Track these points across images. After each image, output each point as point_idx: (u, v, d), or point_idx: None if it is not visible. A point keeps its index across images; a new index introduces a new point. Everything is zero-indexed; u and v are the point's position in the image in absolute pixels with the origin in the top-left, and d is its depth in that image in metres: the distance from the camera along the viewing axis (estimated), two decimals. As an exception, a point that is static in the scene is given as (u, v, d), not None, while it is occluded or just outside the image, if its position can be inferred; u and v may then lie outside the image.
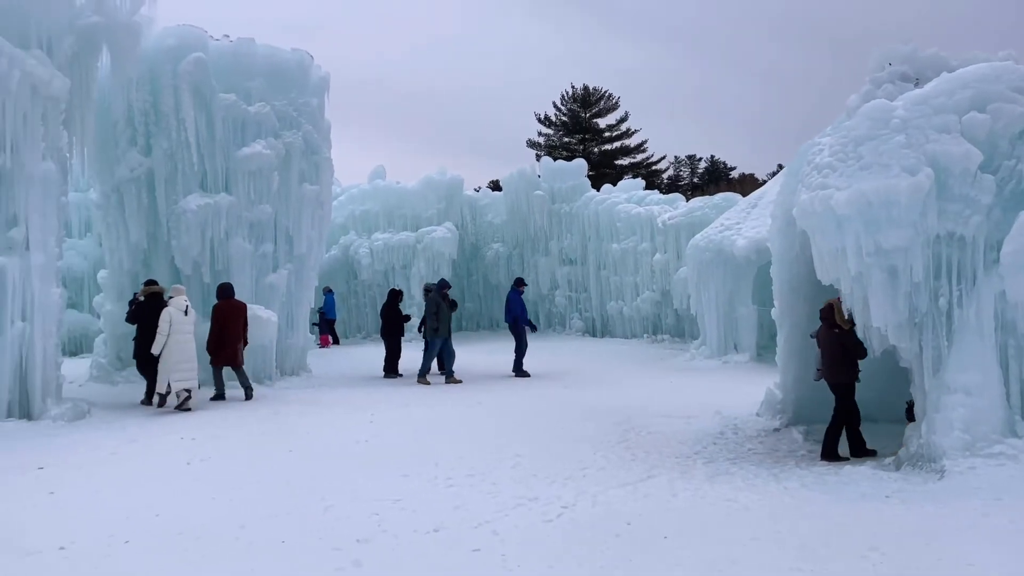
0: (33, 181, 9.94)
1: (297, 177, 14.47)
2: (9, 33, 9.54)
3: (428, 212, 24.33)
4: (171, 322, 11.05)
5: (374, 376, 15.33)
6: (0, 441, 8.79)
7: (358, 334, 25.10)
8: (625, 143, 56.53)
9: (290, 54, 14.39)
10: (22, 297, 9.89)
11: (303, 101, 14.54)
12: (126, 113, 13.26)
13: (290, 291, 14.68)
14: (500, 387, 13.48)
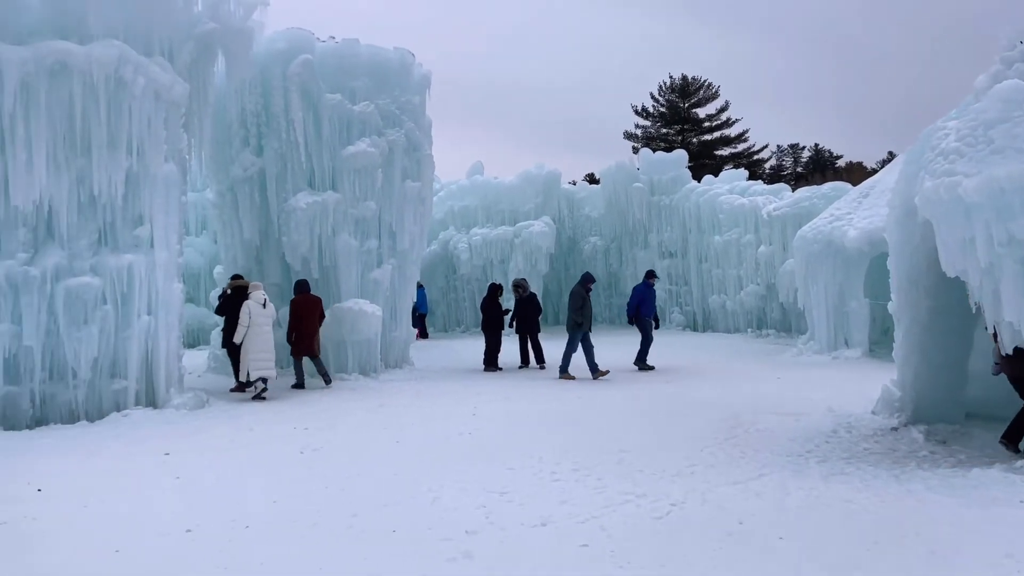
0: (157, 182, 10.48)
1: (400, 174, 14.76)
2: (134, 42, 10.08)
3: (526, 207, 24.39)
4: (250, 314, 11.70)
5: (474, 370, 15.48)
6: (130, 428, 9.35)
7: (457, 328, 25.46)
8: (725, 133, 55.20)
9: (392, 53, 14.67)
10: (148, 292, 10.44)
11: (405, 99, 14.81)
12: (239, 115, 13.86)
13: (393, 286, 15.00)
14: (598, 381, 13.37)
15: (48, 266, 9.56)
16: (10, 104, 9.16)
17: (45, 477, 6.96)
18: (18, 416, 9.53)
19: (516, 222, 24.20)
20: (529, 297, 15.86)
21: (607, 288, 26.68)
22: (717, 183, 24.61)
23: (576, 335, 13.79)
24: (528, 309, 15.69)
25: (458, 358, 17.68)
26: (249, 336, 11.67)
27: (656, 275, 16.53)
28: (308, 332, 12.68)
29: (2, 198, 9.35)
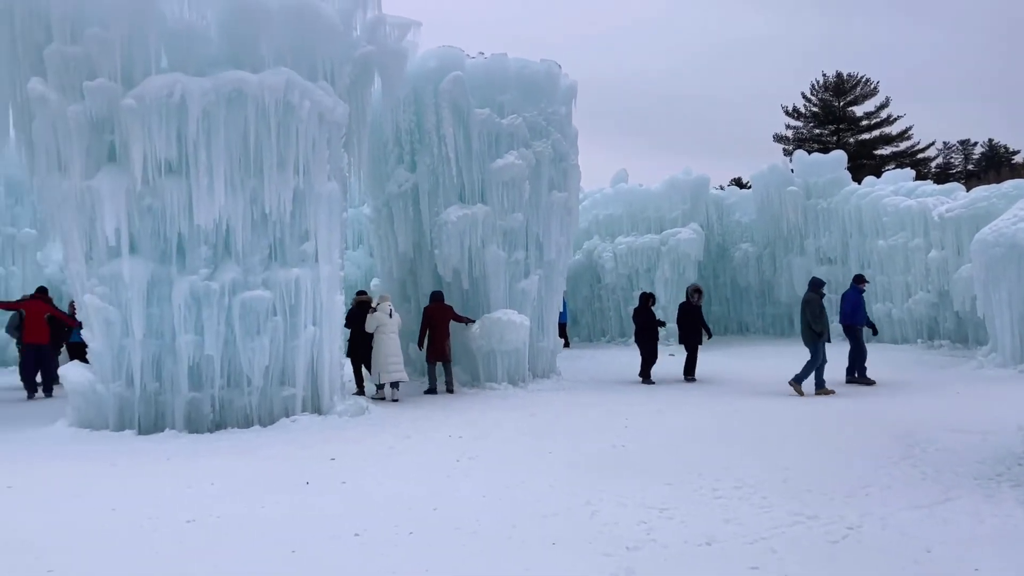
0: (320, 200, 11.03)
1: (547, 185, 14.85)
2: (300, 67, 10.68)
3: (672, 213, 23.90)
4: (378, 324, 12.73)
5: (622, 380, 15.28)
6: (299, 433, 9.87)
7: (602, 338, 25.26)
8: (885, 131, 52.00)
9: (539, 65, 14.80)
10: (313, 304, 10.99)
11: (552, 110, 14.89)
12: (394, 133, 14.42)
13: (540, 296, 15.09)
14: (757, 393, 12.84)
15: (226, 280, 10.26)
16: (193, 131, 9.92)
17: (225, 478, 7.45)
18: (200, 420, 10.27)
19: (662, 230, 23.75)
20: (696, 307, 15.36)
21: (759, 296, 25.69)
22: (880, 184, 23.16)
23: (818, 346, 12.83)
24: (693, 318, 15.21)
25: (605, 369, 17.53)
26: (379, 344, 12.74)
27: (866, 279, 15.22)
28: (440, 338, 13.51)
29: (187, 218, 10.12)
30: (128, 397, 10.17)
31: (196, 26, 10.13)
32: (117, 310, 10.07)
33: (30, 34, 10.12)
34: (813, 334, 12.88)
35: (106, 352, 10.18)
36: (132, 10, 9.72)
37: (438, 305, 13.69)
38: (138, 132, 9.76)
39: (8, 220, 19.65)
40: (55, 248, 20.23)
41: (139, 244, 10.15)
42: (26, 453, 8.78)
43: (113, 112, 9.87)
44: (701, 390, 13.55)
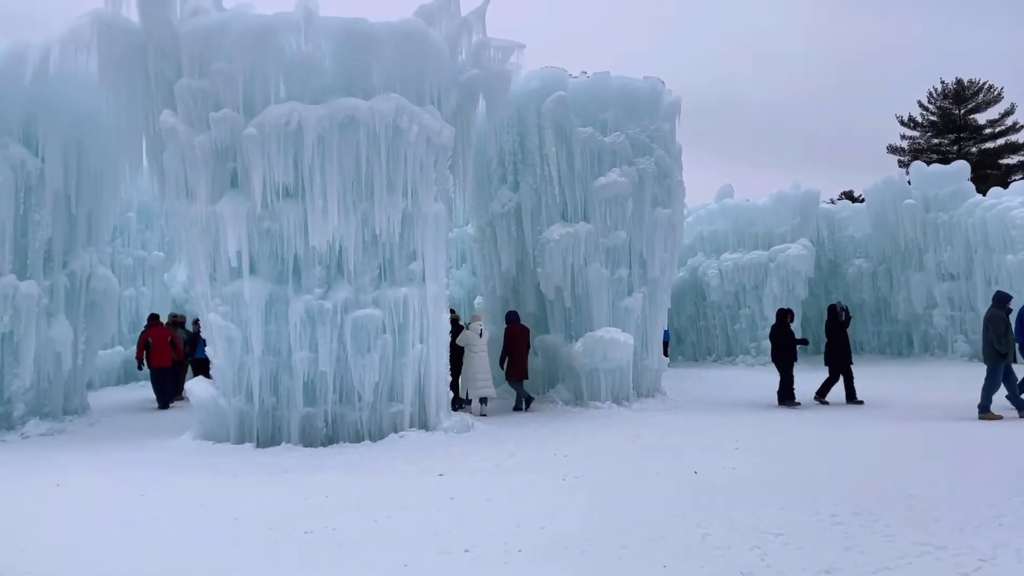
0: (427, 221, 11.31)
1: (650, 202, 14.73)
2: (408, 92, 11.01)
3: (781, 229, 23.23)
4: (468, 342, 13.21)
5: (731, 400, 14.90)
6: (407, 448, 10.09)
7: (708, 357, 24.74)
8: (1011, 139, 48.88)
9: (642, 82, 14.74)
10: (420, 322, 11.25)
11: (655, 127, 14.80)
12: (498, 154, 14.66)
13: (644, 314, 14.93)
14: (879, 416, 12.26)
15: (339, 299, 10.64)
16: (309, 157, 10.38)
17: (339, 491, 7.68)
18: (314, 434, 10.65)
19: (770, 245, 23.12)
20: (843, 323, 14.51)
21: (875, 314, 24.59)
22: (1007, 195, 21.82)
23: (998, 367, 11.90)
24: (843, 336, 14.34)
25: (711, 389, 17.16)
26: (469, 361, 13.21)
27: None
28: (520, 358, 13.83)
29: (303, 240, 10.57)
30: (248, 411, 10.65)
31: (312, 57, 10.61)
32: (238, 328, 10.59)
33: (162, 71, 10.86)
34: (996, 354, 11.92)
35: (228, 368, 10.71)
36: (254, 44, 10.28)
37: (515, 325, 13.99)
38: (258, 159, 10.29)
39: (139, 244, 21.02)
40: (180, 269, 21.54)
41: (258, 265, 10.66)
42: (157, 463, 9.32)
43: (236, 140, 10.44)
44: (824, 411, 13.04)
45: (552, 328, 14.58)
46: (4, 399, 11.77)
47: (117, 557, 5.68)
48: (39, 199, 11.99)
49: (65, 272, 12.65)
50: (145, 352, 15.53)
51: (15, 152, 11.67)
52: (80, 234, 12.93)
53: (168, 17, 10.72)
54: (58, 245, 12.48)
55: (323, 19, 10.66)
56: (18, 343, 11.74)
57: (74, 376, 13.11)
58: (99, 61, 11.09)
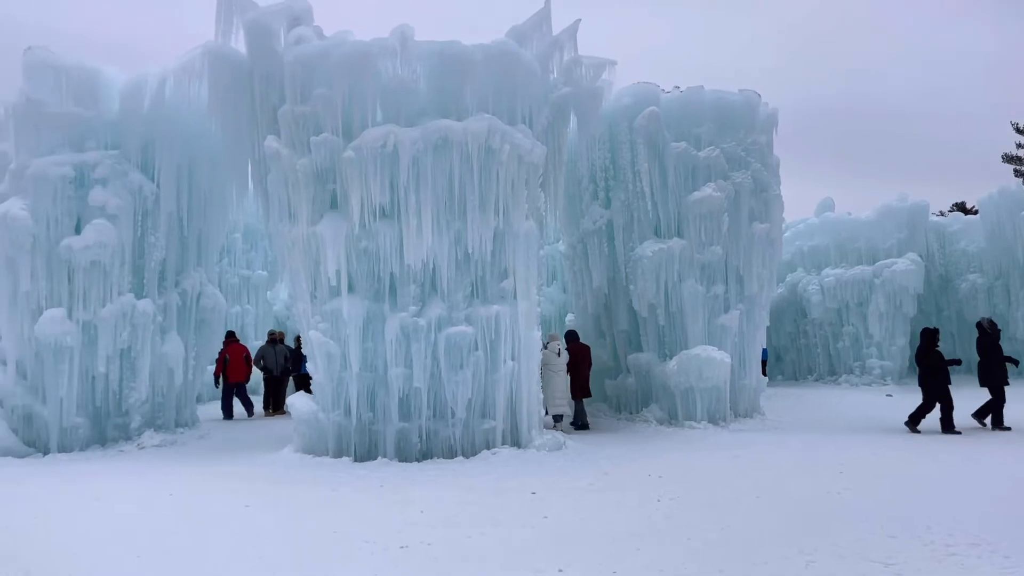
0: (519, 238, 11.37)
1: (747, 216, 14.40)
2: (500, 112, 11.15)
3: (886, 243, 22.29)
4: (546, 362, 13.21)
5: (833, 422, 14.32)
6: (499, 465, 10.12)
7: (808, 376, 23.91)
8: None
9: (736, 96, 14.48)
10: (512, 339, 11.30)
11: (751, 140, 14.49)
12: (589, 170, 14.65)
13: (741, 331, 14.56)
14: (992, 443, 11.54)
15: (432, 317, 10.81)
16: (404, 178, 10.63)
17: (433, 507, 7.77)
18: (409, 449, 10.82)
19: (875, 260, 22.22)
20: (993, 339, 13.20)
21: (991, 332, 23.18)
22: None
23: None
24: (997, 353, 13.04)
25: (813, 409, 16.55)
26: (546, 380, 13.22)
27: None
28: (582, 376, 13.96)
29: (398, 259, 10.81)
30: (346, 426, 10.92)
31: (407, 80, 10.89)
32: (337, 344, 10.90)
33: (267, 97, 11.36)
34: None
35: (327, 383, 11.02)
36: (352, 70, 10.63)
37: (577, 344, 14.24)
38: (356, 180, 10.60)
39: (244, 263, 21.98)
40: (282, 288, 22.40)
41: (356, 283, 10.96)
42: (261, 475, 9.66)
43: (335, 163, 10.80)
44: (936, 438, 12.37)
45: (645, 346, 14.39)
46: (122, 411, 12.46)
47: (222, 566, 5.90)
48: (155, 222, 12.69)
49: (177, 291, 13.32)
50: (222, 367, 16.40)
51: (134, 178, 12.41)
52: (191, 255, 13.61)
53: (273, 47, 11.23)
54: (171, 265, 13.17)
55: (418, 43, 10.94)
56: (135, 358, 12.42)
57: (185, 390, 13.76)
58: (209, 90, 11.72)
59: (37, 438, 11.91)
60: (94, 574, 5.77)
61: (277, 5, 11.45)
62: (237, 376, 16.67)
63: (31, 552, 6.31)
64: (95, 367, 12.01)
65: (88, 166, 12.19)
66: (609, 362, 15.05)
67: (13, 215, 11.73)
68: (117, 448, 12.05)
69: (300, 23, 11.31)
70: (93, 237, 11.86)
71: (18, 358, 11.94)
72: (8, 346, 12.04)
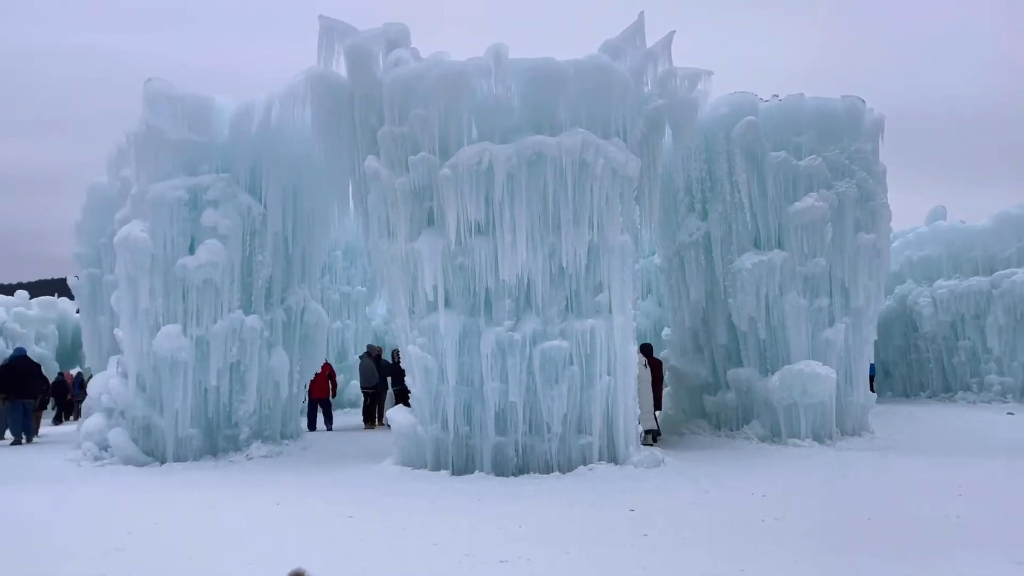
0: (614, 253, 11.29)
1: (851, 226, 13.88)
2: (594, 126, 11.13)
3: (1005, 253, 21.03)
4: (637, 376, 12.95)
5: (952, 443, 13.55)
6: (597, 482, 10.02)
7: (920, 393, 22.77)
8: None
9: (839, 102, 14.00)
10: (607, 354, 11.21)
11: (855, 148, 13.97)
12: (685, 182, 14.43)
13: (847, 345, 14.00)
14: None
15: (527, 331, 10.84)
16: (499, 194, 10.74)
17: (531, 522, 7.76)
18: (505, 463, 10.86)
19: (992, 271, 20.99)
20: None
21: None
22: None
23: None
24: None
25: (925, 427, 15.72)
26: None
27: None
28: (656, 391, 14.07)
29: (493, 274, 10.91)
30: (443, 439, 11.06)
31: (501, 98, 11.01)
32: (434, 359, 11.07)
33: (367, 119, 11.70)
34: None
35: (425, 397, 11.20)
36: (448, 89, 10.84)
37: (651, 359, 14.13)
38: (452, 198, 10.78)
39: (344, 280, 22.66)
40: (380, 304, 22.96)
41: (453, 298, 11.11)
42: (363, 487, 9.90)
43: (432, 181, 11.01)
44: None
45: (745, 361, 14.01)
46: (232, 423, 13.00)
47: (330, 568, 6.06)
48: (262, 241, 13.24)
49: (283, 307, 13.84)
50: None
51: (243, 200, 12.99)
52: (295, 272, 14.13)
53: (372, 70, 11.57)
54: (277, 282, 13.70)
55: (512, 61, 11.06)
56: (244, 372, 12.95)
57: (290, 403, 14.25)
58: (312, 113, 12.18)
59: (155, 448, 12.56)
60: (202, 568, 6.03)
61: (375, 30, 11.80)
62: (320, 392, 17.36)
63: (149, 554, 6.65)
64: (207, 380, 12.59)
65: (201, 189, 12.85)
66: (708, 377, 14.72)
67: (134, 237, 12.46)
68: (227, 458, 12.56)
69: (397, 46, 11.61)
70: (205, 256, 12.46)
71: (138, 371, 12.64)
72: (129, 360, 12.77)
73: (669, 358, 15.48)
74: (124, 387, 12.70)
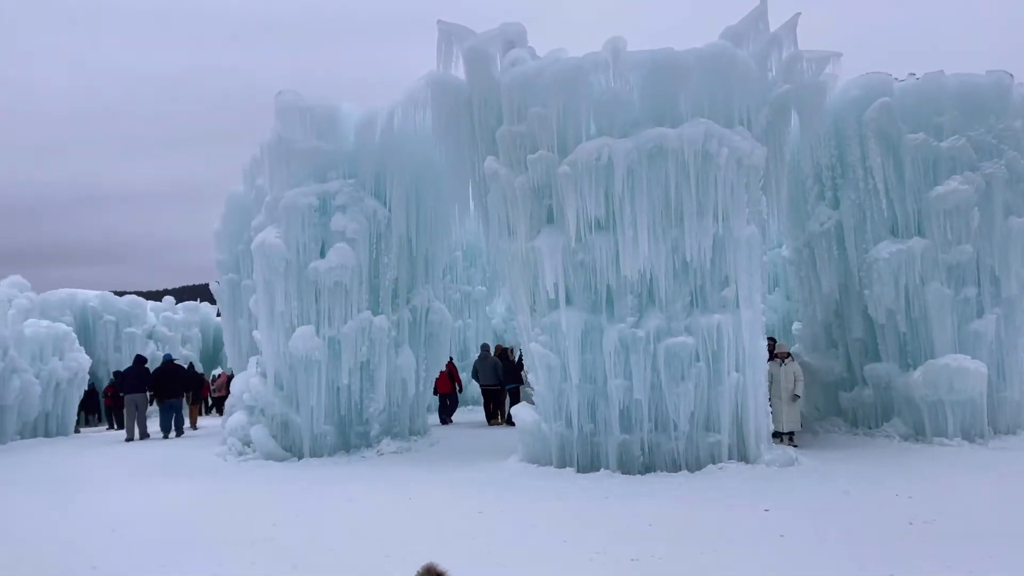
0: (740, 245, 10.95)
1: (1001, 210, 12.86)
2: (717, 116, 10.83)
3: None
4: (771, 373, 12.33)
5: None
6: (727, 481, 9.75)
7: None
8: None
9: (984, 78, 13.01)
10: (735, 350, 10.88)
11: (1003, 126, 12.92)
12: (814, 170, 13.80)
13: (999, 338, 13.00)
14: None
15: (651, 328, 10.67)
16: (619, 189, 10.62)
17: (660, 521, 7.63)
18: (631, 462, 10.73)
19: None
20: None
21: None
22: None
23: None
24: None
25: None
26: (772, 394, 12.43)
27: None
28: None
29: (615, 270, 10.80)
30: (568, 437, 11.05)
31: (620, 92, 10.88)
32: (557, 357, 11.07)
33: (485, 120, 11.85)
34: None
35: (548, 395, 11.22)
36: (566, 86, 10.81)
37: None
38: (571, 194, 10.74)
39: (465, 279, 23.03)
40: (499, 302, 23.21)
41: (574, 296, 11.08)
42: (491, 483, 10.03)
43: (551, 179, 11.01)
44: None
45: (884, 355, 13.25)
46: (363, 420, 13.47)
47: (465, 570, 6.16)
48: (387, 244, 13.65)
49: (408, 307, 14.22)
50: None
51: (369, 204, 13.43)
52: (419, 273, 14.48)
53: (490, 71, 11.69)
54: (402, 283, 14.09)
55: (630, 54, 10.91)
56: (373, 371, 13.39)
57: (417, 400, 14.63)
58: (433, 117, 12.45)
59: (292, 444, 13.17)
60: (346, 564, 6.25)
61: (492, 31, 11.92)
62: (444, 388, 18.31)
63: (293, 544, 6.98)
64: (339, 379, 13.09)
65: (329, 195, 13.38)
66: (842, 373, 14.02)
67: (269, 243, 13.12)
68: (359, 454, 13.02)
69: (515, 46, 11.68)
70: (336, 260, 12.97)
71: (275, 371, 13.30)
72: (267, 360, 13.46)
73: (801, 353, 14.84)
74: (263, 386, 13.39)
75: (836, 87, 12.83)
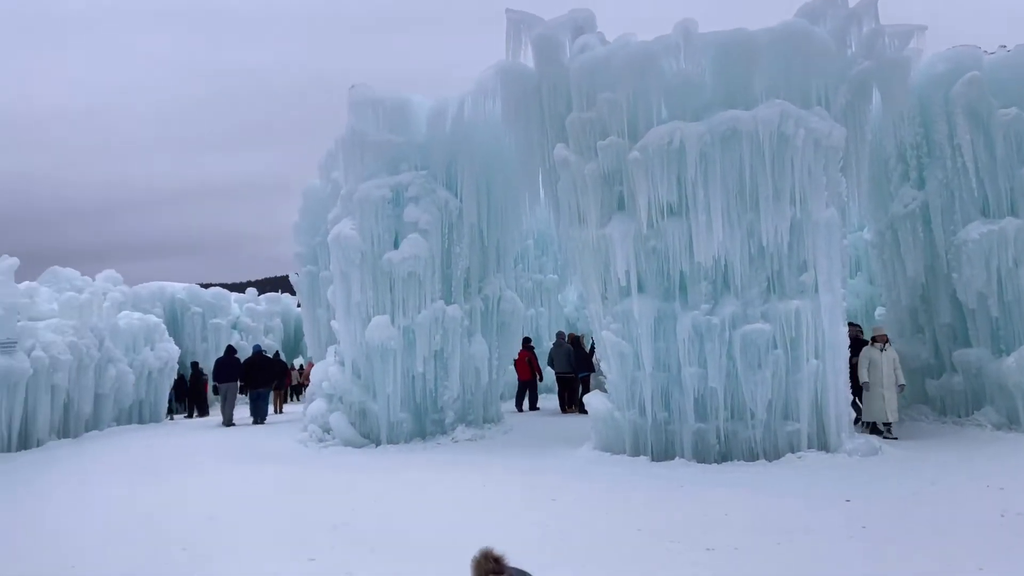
0: (819, 228, 10.63)
1: None
2: (792, 96, 10.52)
3: None
4: (870, 359, 12.20)
5: None
6: (806, 470, 9.53)
7: None
8: None
9: (1081, 47, 12.27)
10: (815, 336, 10.59)
11: (1102, 98, 12.17)
12: (897, 149, 13.27)
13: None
14: None
15: (726, 314, 10.47)
16: (692, 173, 10.44)
17: (738, 509, 7.51)
18: (707, 450, 10.58)
19: None
20: None
21: None
22: None
23: None
24: None
25: None
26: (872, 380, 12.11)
27: None
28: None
29: (688, 256, 10.64)
30: (641, 425, 10.97)
31: (691, 75, 10.68)
32: (629, 344, 10.99)
33: (555, 107, 11.81)
34: None
35: (621, 383, 11.16)
36: (636, 71, 10.67)
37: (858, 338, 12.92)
38: (643, 180, 10.62)
39: (536, 268, 23.04)
40: (571, 290, 23.15)
41: (646, 283, 10.97)
42: (563, 470, 10.05)
43: (621, 165, 10.91)
44: None
45: (974, 341, 12.68)
46: (438, 408, 13.67)
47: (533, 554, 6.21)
48: (459, 234, 13.77)
49: (480, 296, 14.32)
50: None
51: (441, 195, 13.57)
52: (491, 262, 14.56)
53: (559, 58, 11.65)
54: (474, 273, 14.20)
55: (701, 36, 10.69)
56: (447, 359, 13.56)
57: (490, 388, 14.75)
58: (502, 106, 12.48)
59: (370, 430, 13.46)
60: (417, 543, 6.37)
61: (561, 17, 11.86)
62: (523, 375, 18.39)
63: (370, 529, 7.15)
64: (414, 368, 13.30)
65: (402, 186, 13.57)
66: (930, 359, 13.47)
67: (345, 235, 13.41)
68: (435, 441, 13.22)
69: (583, 32, 11.60)
70: (409, 250, 13.16)
71: (353, 359, 13.61)
72: (345, 349, 13.79)
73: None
74: (341, 374, 13.73)
75: (921, 62, 12.31)
